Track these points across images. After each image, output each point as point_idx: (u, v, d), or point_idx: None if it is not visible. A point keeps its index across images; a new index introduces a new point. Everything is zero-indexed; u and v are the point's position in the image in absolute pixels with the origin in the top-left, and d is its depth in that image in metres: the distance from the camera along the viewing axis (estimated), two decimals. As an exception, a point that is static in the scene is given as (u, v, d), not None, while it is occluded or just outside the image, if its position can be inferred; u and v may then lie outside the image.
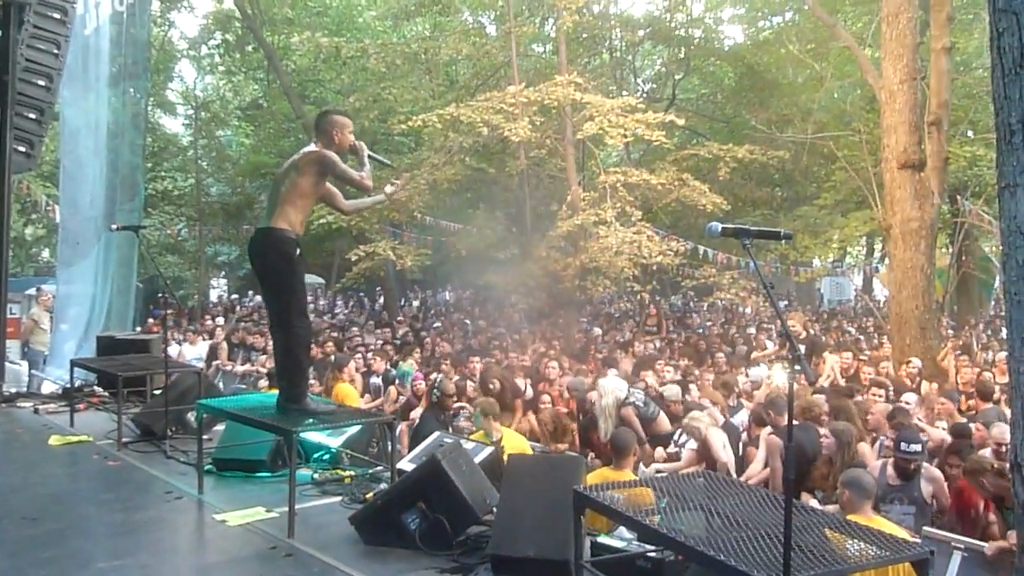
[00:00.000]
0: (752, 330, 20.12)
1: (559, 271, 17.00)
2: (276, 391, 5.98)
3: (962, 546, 6.33)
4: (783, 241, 3.20)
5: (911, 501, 6.98)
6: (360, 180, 5.69)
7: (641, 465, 9.01)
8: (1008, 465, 4.17)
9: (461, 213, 25.53)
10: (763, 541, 3.29)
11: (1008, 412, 4.24)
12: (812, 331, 16.36)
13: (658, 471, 7.96)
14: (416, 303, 31.84)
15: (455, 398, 9.85)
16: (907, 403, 9.13)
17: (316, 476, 6.47)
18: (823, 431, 7.61)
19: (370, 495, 5.84)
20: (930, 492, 6.95)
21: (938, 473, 7.07)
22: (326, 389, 10.25)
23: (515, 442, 7.65)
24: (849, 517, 5.46)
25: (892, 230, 14.54)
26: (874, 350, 16.26)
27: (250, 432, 5.99)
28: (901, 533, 5.58)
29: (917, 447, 6.99)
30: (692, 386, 11.12)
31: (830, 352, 13.38)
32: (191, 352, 15.49)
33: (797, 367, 2.77)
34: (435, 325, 23.07)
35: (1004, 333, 5.01)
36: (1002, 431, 7.36)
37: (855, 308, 32.86)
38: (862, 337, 20.25)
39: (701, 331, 21.83)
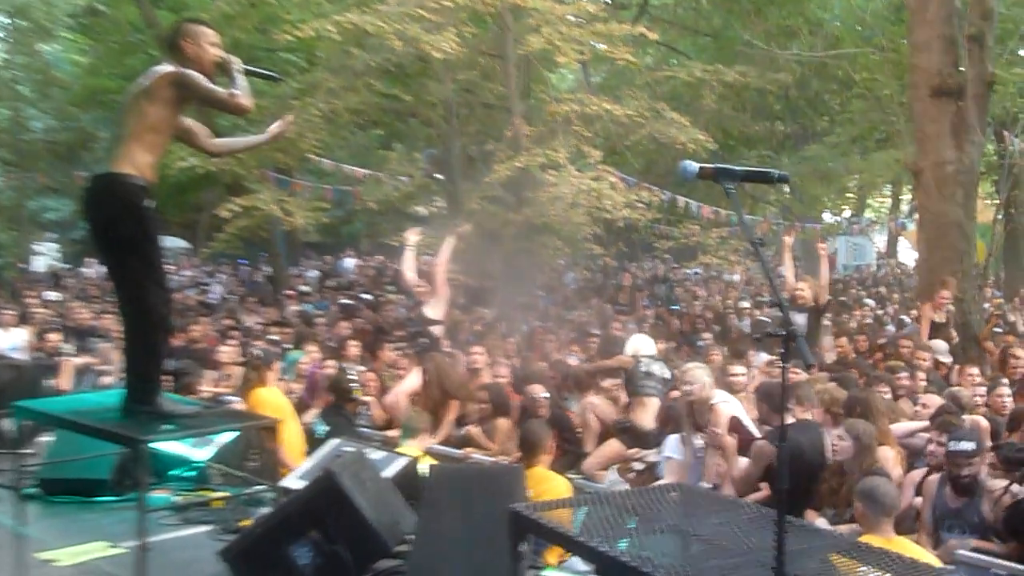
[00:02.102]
0: (746, 303, 20.39)
1: (497, 229, 17.01)
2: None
3: (1004, 572, 6.51)
4: (778, 186, 3.23)
5: (972, 528, 6.97)
6: (231, 100, 5.59)
7: (610, 473, 9.11)
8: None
9: (370, 155, 25.38)
10: (752, 570, 3.35)
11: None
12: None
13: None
14: (313, 273, 31.62)
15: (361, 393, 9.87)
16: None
17: (177, 499, 6.42)
18: (836, 432, 7.73)
19: (248, 522, 5.81)
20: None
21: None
22: (242, 395, 10.11)
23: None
24: (864, 538, 5.60)
25: (923, 175, 14.81)
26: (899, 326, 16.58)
27: (88, 443, 5.90)
28: (928, 557, 5.73)
29: (970, 445, 6.96)
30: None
31: (835, 335, 13.64)
32: (5, 339, 15.20)
33: (793, 348, 2.81)
34: (340, 301, 22.95)
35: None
36: None
37: (876, 275, 33.44)
38: (883, 311, 20.62)
39: (677, 307, 22.02)
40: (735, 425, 8.38)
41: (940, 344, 12.78)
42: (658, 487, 4.58)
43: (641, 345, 10.51)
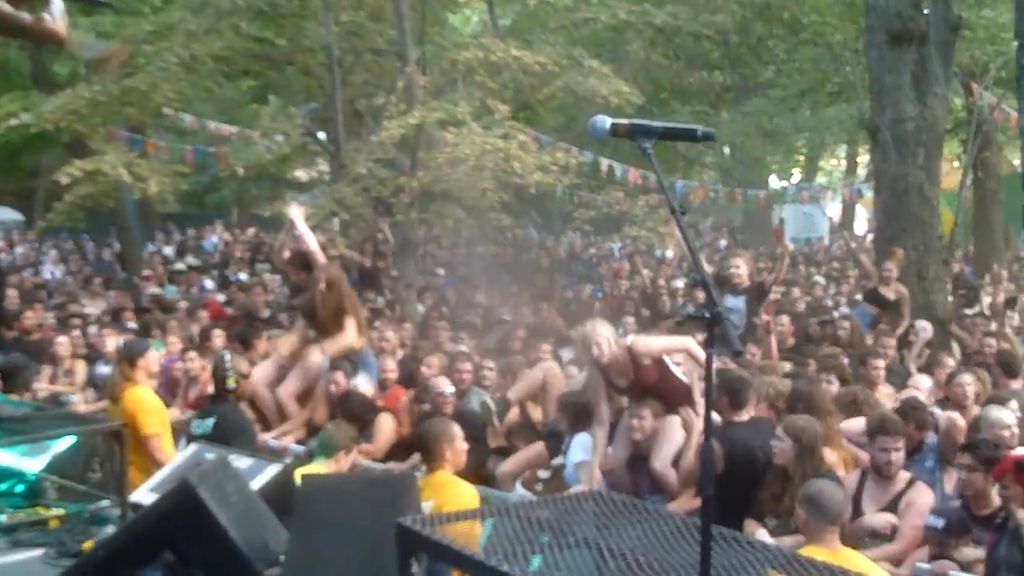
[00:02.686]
0: (680, 283, 20.58)
1: (388, 196, 16.95)
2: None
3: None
4: (714, 146, 3.26)
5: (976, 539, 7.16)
6: (36, 25, 5.45)
7: (517, 485, 9.17)
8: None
9: (238, 110, 25.09)
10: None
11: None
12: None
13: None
14: (171, 249, 31.24)
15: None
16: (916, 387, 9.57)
17: (2, 518, 6.31)
18: (778, 431, 7.88)
19: (89, 544, 5.73)
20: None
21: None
22: (111, 396, 9.92)
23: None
24: (806, 549, 5.72)
25: (879, 133, 15.07)
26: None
27: None
28: (877, 572, 5.87)
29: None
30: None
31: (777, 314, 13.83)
32: None
33: (718, 333, 2.83)
34: (204, 285, 22.73)
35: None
36: (1000, 417, 7.84)
37: (829, 249, 33.99)
38: (834, 289, 20.99)
39: (594, 287, 22.16)
40: (663, 373, 8.56)
41: (922, 323, 13.06)
42: (572, 496, 4.61)
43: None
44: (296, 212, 11.97)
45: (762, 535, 7.00)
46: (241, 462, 6.25)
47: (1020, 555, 6.18)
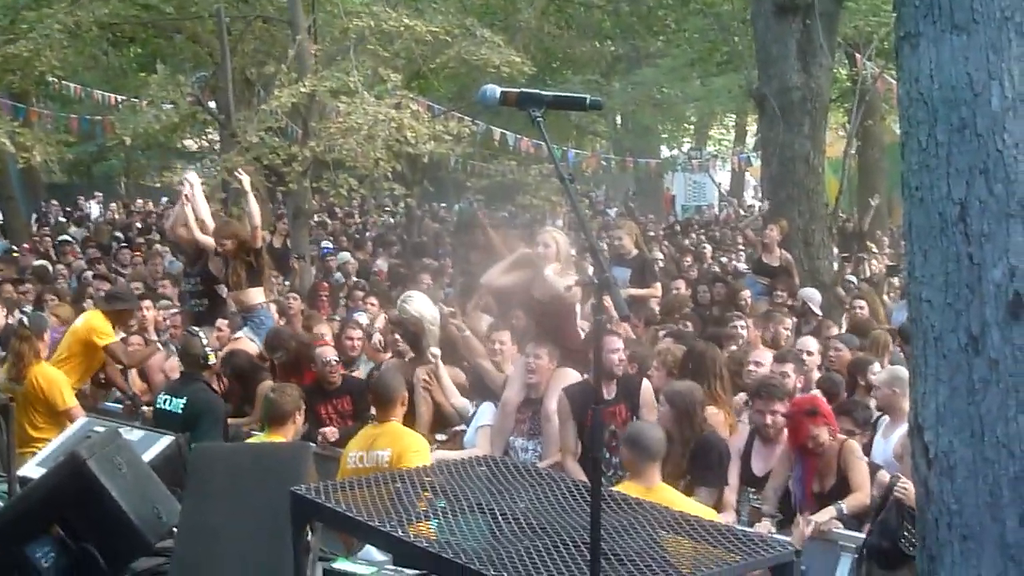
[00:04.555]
0: (574, 251, 20.62)
1: (280, 166, 16.80)
2: None
3: (853, 545, 6.86)
4: (592, 111, 3.28)
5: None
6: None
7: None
8: (908, 427, 4.55)
9: (125, 79, 24.66)
10: (567, 551, 3.43)
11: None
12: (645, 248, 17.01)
13: None
14: (60, 219, 30.57)
15: None
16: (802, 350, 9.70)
17: None
18: (661, 396, 8.03)
19: (-25, 520, 5.64)
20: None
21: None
22: (13, 373, 9.64)
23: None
24: (625, 484, 5.96)
25: (766, 103, 15.25)
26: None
27: None
28: (702, 510, 6.05)
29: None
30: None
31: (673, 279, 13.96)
32: None
33: (605, 296, 2.86)
34: (91, 253, 22.27)
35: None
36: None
37: (718, 217, 34.36)
38: (726, 259, 21.23)
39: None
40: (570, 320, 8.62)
41: (809, 292, 13.23)
42: (464, 461, 4.64)
43: (424, 307, 10.00)
44: (195, 179, 11.84)
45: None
46: (132, 434, 6.20)
47: (895, 521, 6.37)
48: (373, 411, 8.13)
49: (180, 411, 8.89)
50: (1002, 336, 4.00)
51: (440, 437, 9.28)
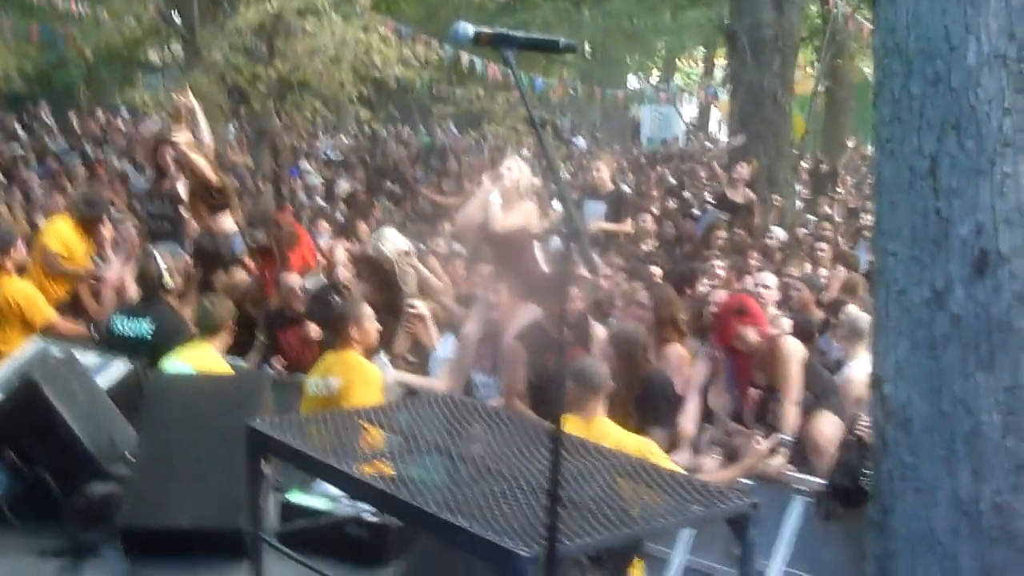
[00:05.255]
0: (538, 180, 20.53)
1: (245, 85, 16.62)
2: None
3: (805, 488, 6.92)
4: (564, 53, 3.24)
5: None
6: None
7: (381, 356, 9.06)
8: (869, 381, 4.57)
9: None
10: (525, 496, 3.43)
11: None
12: (623, 183, 16.98)
13: None
14: (19, 131, 30.10)
15: None
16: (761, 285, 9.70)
17: None
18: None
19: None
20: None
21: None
22: None
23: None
24: (571, 418, 5.91)
25: (737, 39, 15.20)
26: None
27: None
28: (640, 442, 6.10)
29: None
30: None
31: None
32: None
33: (574, 245, 2.82)
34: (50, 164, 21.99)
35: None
36: None
37: (685, 151, 34.31)
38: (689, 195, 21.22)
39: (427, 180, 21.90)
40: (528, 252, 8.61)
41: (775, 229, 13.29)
42: (425, 400, 4.64)
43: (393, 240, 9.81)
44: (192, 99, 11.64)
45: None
46: (87, 359, 6.16)
47: (859, 459, 6.42)
48: None
49: (149, 336, 8.52)
50: (966, 292, 4.00)
51: (411, 358, 9.26)
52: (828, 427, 7.19)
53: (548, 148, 3.06)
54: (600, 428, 6.02)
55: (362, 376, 7.16)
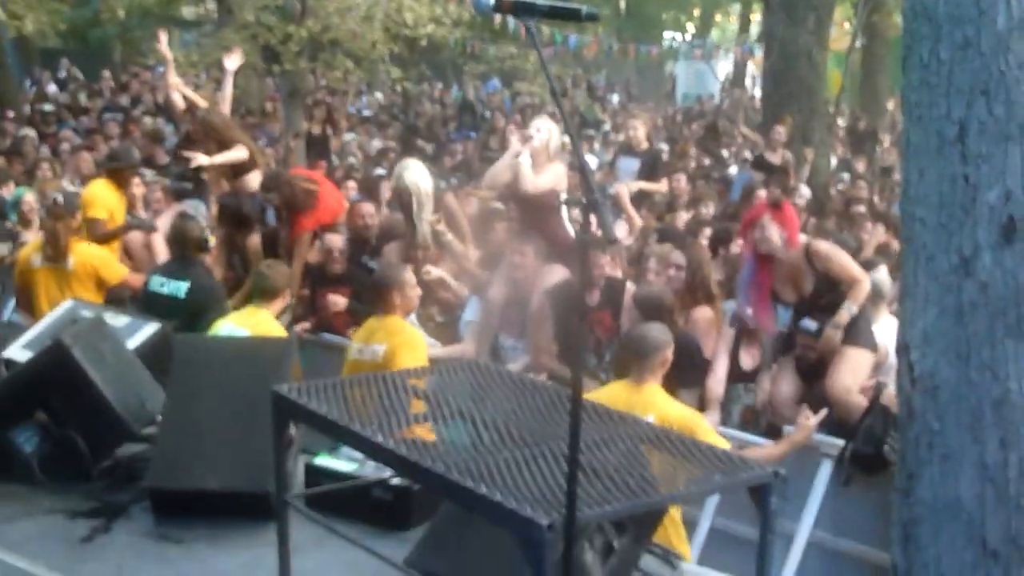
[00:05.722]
0: (566, 137, 20.38)
1: (276, 45, 16.60)
2: None
3: (833, 451, 6.91)
4: (585, 22, 3.21)
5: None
6: None
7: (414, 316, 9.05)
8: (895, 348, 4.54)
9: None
10: (547, 463, 3.43)
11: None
12: (656, 141, 16.86)
13: None
14: (53, 88, 30.15)
15: None
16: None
17: None
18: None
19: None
20: None
21: None
22: (54, 255, 9.48)
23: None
24: (614, 385, 6.13)
25: (772, -6, 15.08)
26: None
27: None
28: (686, 412, 6.10)
29: (813, 325, 7.35)
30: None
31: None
32: None
33: (591, 215, 2.81)
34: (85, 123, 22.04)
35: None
36: None
37: (719, 108, 34.05)
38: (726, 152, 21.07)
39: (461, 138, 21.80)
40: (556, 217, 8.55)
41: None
42: (447, 365, 4.64)
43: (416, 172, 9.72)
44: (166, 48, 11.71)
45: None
46: (117, 321, 6.19)
47: (880, 427, 6.41)
48: None
49: (183, 296, 8.57)
50: (993, 259, 3.97)
51: (439, 318, 9.26)
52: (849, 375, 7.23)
53: (567, 118, 3.05)
54: (648, 396, 6.04)
55: (408, 341, 7.18)
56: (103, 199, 10.36)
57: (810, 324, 7.29)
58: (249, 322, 7.31)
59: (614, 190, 11.52)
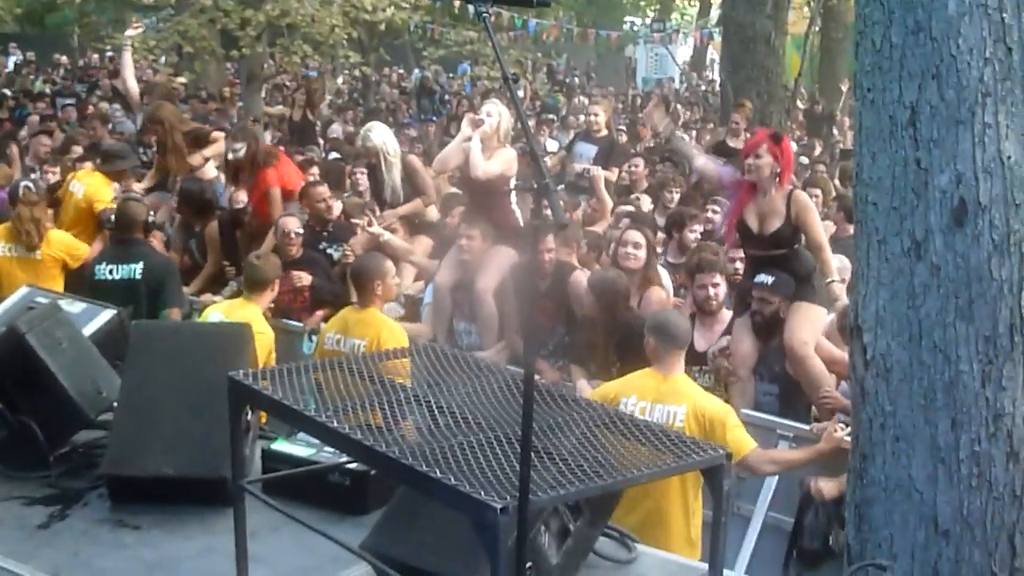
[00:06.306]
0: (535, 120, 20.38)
1: (234, 29, 16.53)
2: None
3: (790, 433, 6.96)
4: (538, 8, 3.21)
5: (772, 378, 7.61)
6: None
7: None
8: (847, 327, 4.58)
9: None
10: (502, 448, 3.43)
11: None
12: (615, 127, 16.85)
13: None
14: (11, 66, 29.86)
15: None
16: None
17: None
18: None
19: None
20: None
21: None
22: (30, 243, 9.39)
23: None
24: (643, 373, 6.16)
25: (729, -21, 15.11)
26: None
27: None
28: (716, 402, 6.12)
29: (769, 278, 7.40)
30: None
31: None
32: None
33: (543, 200, 2.80)
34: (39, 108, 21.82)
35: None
36: None
37: (680, 92, 34.10)
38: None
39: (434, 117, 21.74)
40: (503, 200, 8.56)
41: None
42: (401, 350, 4.64)
43: (381, 133, 10.00)
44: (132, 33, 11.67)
45: (583, 386, 7.17)
46: (73, 307, 6.15)
47: (825, 520, 6.43)
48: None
49: (139, 276, 8.66)
50: (945, 242, 4.01)
51: (409, 291, 9.27)
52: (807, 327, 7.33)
53: (518, 102, 3.05)
54: (677, 384, 6.09)
55: (389, 334, 7.26)
56: (105, 192, 10.38)
57: (766, 278, 7.34)
58: (237, 315, 7.34)
59: (592, 173, 11.55)
